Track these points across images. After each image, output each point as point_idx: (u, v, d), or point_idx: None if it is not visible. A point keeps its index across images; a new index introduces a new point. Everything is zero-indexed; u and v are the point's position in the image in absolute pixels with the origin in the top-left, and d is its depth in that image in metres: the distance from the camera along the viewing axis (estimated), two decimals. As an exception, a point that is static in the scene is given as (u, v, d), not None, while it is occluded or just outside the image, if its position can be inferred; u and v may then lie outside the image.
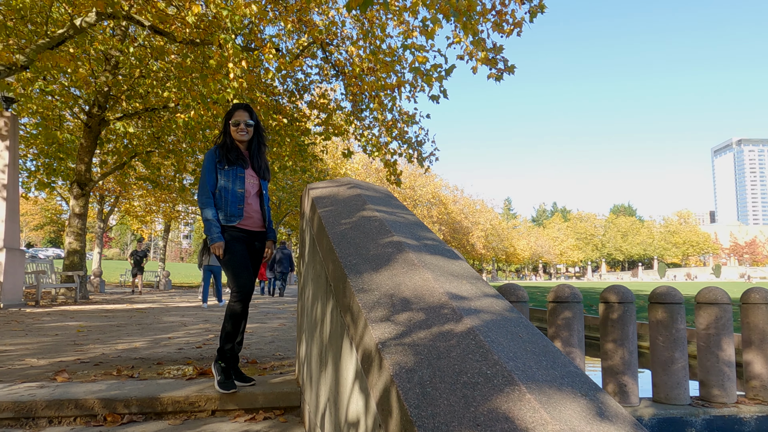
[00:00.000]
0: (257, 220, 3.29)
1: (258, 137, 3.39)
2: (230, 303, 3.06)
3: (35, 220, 72.44)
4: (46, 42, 8.29)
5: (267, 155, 3.46)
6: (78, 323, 6.77)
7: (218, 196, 3.23)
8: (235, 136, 3.28)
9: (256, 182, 3.34)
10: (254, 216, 3.28)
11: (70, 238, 12.92)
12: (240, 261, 3.14)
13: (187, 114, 10.75)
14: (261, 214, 3.33)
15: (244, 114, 3.30)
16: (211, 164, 3.25)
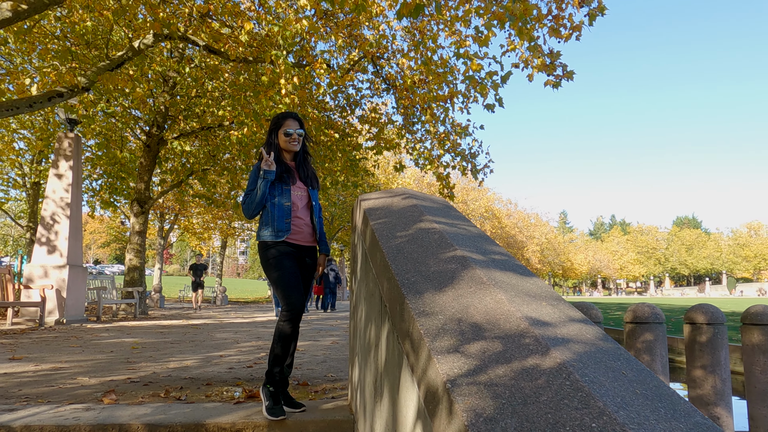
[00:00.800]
0: (307, 234, 3.11)
1: (304, 146, 3.24)
2: (279, 323, 2.87)
3: (102, 238, 75.85)
4: (107, 64, 8.54)
5: (316, 168, 3.31)
6: (134, 340, 6.80)
7: (265, 212, 3.07)
8: (285, 146, 3.12)
9: (305, 194, 3.16)
10: (304, 230, 3.09)
11: (131, 255, 13.27)
12: (290, 278, 2.94)
13: (241, 131, 10.86)
14: (311, 227, 3.15)
15: (295, 123, 3.15)
16: (256, 177, 3.11)
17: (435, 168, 12.91)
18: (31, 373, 4.17)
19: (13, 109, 7.36)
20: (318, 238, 3.23)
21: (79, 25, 9.29)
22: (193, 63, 12.81)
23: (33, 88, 8.21)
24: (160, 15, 8.78)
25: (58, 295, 9.31)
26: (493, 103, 7.60)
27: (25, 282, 9.33)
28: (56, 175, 9.86)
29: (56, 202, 9.77)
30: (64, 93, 7.93)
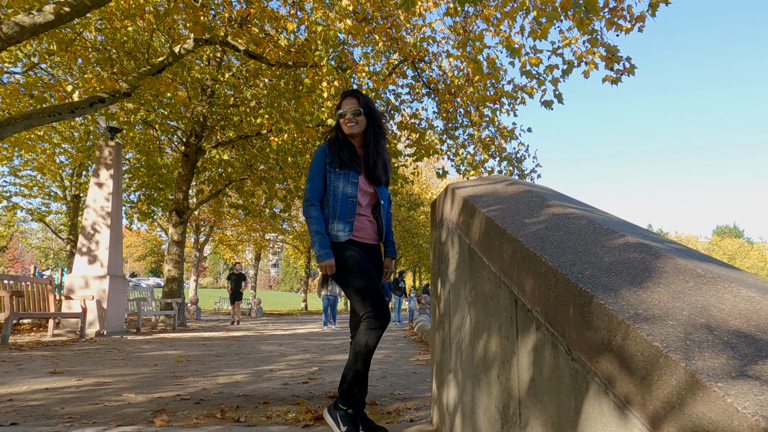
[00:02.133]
0: (371, 231, 2.74)
1: (374, 128, 2.79)
2: (362, 334, 2.44)
3: (138, 251, 77.33)
4: (147, 69, 8.36)
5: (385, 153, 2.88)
6: (177, 352, 6.48)
7: (325, 204, 2.67)
8: (344, 129, 2.73)
9: (371, 192, 2.76)
10: (368, 226, 2.72)
11: (169, 266, 13.11)
12: (364, 275, 2.52)
13: (281, 137, 10.60)
14: (376, 225, 2.78)
15: (351, 101, 2.74)
16: (319, 165, 2.69)
17: (479, 174, 12.42)
18: (73, 388, 3.85)
19: (54, 115, 7.20)
20: (384, 237, 2.84)
21: (120, 32, 9.18)
22: (231, 70, 12.67)
23: (75, 94, 8.07)
24: (201, 19, 8.59)
25: (99, 306, 9.12)
26: (551, 99, 7.12)
27: (66, 293, 9.17)
28: (97, 184, 9.73)
29: (97, 211, 9.62)
30: (106, 98, 7.76)
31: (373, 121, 2.78)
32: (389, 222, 2.89)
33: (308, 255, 38.16)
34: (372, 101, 2.82)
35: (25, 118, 6.93)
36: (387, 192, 2.86)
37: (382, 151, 2.81)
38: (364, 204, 2.71)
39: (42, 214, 20.31)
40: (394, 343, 8.70)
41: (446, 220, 2.48)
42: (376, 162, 2.75)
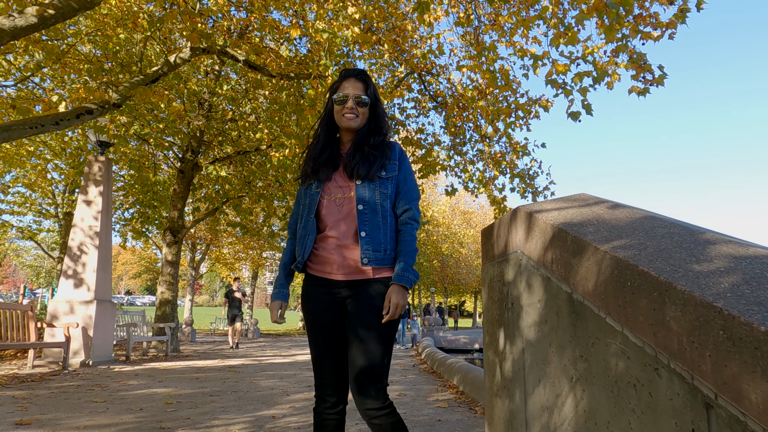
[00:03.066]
0: (343, 259, 2.01)
1: (376, 122, 2.13)
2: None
3: (134, 269, 76.44)
4: (140, 79, 7.79)
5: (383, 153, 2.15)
6: (166, 390, 5.81)
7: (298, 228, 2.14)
8: (339, 120, 2.09)
9: (348, 195, 2.06)
10: (336, 254, 2.02)
11: (163, 288, 12.43)
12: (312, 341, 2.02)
13: (282, 152, 10.02)
14: (358, 245, 2.02)
15: (357, 84, 2.10)
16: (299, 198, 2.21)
17: (489, 191, 11.85)
18: (37, 450, 3.19)
19: (37, 126, 6.60)
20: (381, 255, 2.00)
21: (112, 39, 8.63)
22: (230, 83, 12.13)
23: (61, 106, 7.48)
24: (198, 26, 8.05)
25: (85, 333, 8.43)
26: (578, 111, 6.57)
27: (49, 319, 8.48)
28: (85, 201, 9.10)
29: (85, 231, 8.98)
30: (94, 110, 7.16)
31: (376, 117, 2.16)
32: (407, 234, 2.02)
33: (306, 273, 37.38)
34: (375, 88, 2.20)
35: (3, 130, 6.32)
36: (389, 186, 2.06)
37: (377, 148, 2.11)
38: (332, 218, 2.04)
39: (33, 232, 19.64)
40: (404, 375, 8.02)
41: (515, 253, 1.88)
42: (364, 157, 2.06)
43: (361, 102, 2.07)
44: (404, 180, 2.08)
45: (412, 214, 2.05)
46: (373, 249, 2.00)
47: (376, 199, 2.04)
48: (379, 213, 2.03)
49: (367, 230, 2.01)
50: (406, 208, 2.05)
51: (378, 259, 1.99)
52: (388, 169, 2.07)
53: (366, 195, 2.04)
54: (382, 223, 2.03)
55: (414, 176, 2.11)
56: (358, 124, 2.09)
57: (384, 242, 2.01)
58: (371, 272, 1.99)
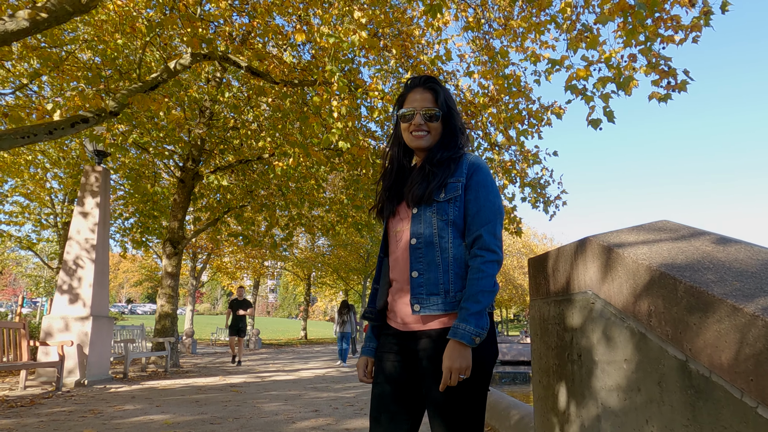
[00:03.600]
0: (401, 304, 1.72)
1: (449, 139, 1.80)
2: None
3: (135, 277, 76.10)
4: (138, 86, 7.47)
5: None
6: (164, 417, 5.44)
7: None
8: (407, 140, 1.80)
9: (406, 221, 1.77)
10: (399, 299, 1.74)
11: (162, 300, 12.06)
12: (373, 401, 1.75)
13: (286, 162, 9.68)
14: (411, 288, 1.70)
15: (425, 95, 1.79)
16: None
17: (498, 200, 11.50)
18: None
19: (29, 136, 6.27)
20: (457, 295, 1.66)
21: (109, 44, 8.32)
22: (232, 90, 11.82)
23: (56, 114, 7.16)
24: (199, 31, 7.75)
25: (80, 351, 8.07)
26: (599, 118, 6.22)
27: (43, 337, 8.12)
28: (81, 213, 8.76)
29: (81, 243, 8.63)
30: (90, 118, 6.83)
31: (451, 131, 1.81)
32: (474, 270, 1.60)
33: (308, 282, 37.03)
34: (450, 95, 1.87)
35: (-7, 140, 5.99)
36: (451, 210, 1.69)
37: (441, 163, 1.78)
38: (393, 257, 1.77)
39: (31, 242, 19.31)
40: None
41: (584, 294, 1.53)
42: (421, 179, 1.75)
43: (432, 116, 1.75)
44: (474, 198, 1.68)
45: (484, 242, 1.63)
46: (428, 292, 1.67)
47: (432, 228, 1.69)
48: (436, 246, 1.69)
49: (420, 269, 1.69)
50: (476, 236, 1.65)
51: (435, 305, 1.65)
52: (449, 189, 1.71)
53: (420, 224, 1.71)
54: (441, 257, 1.68)
55: (492, 192, 1.70)
56: (430, 142, 1.77)
57: (445, 282, 1.66)
58: (429, 322, 1.66)
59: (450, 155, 1.77)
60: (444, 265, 1.68)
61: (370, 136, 12.07)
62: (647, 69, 6.98)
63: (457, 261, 1.68)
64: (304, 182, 13.52)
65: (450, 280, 1.67)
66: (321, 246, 34.73)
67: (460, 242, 1.70)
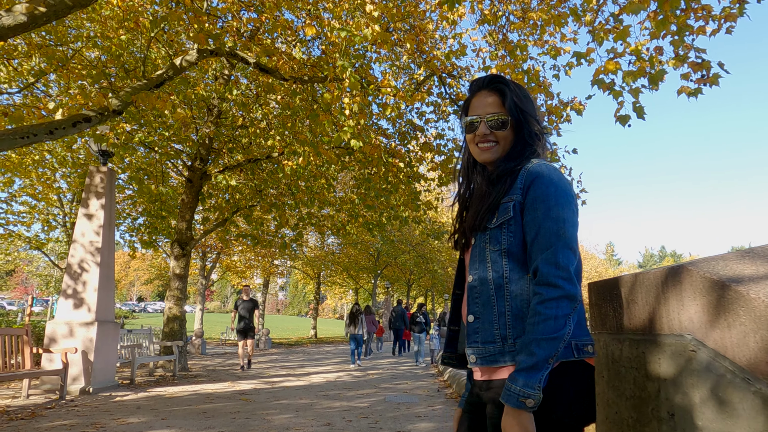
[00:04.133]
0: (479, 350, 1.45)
1: (522, 145, 1.50)
2: None
3: (145, 275, 76.35)
4: (143, 84, 7.19)
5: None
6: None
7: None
8: (474, 153, 1.54)
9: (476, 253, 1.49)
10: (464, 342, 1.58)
11: (170, 303, 11.82)
12: None
13: (296, 161, 9.38)
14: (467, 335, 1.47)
15: (490, 98, 1.50)
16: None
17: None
18: None
19: (29, 136, 6.00)
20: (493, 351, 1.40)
21: (113, 40, 8.06)
22: (240, 88, 11.53)
23: (58, 113, 6.89)
24: (205, 26, 7.45)
25: (85, 358, 7.82)
26: (627, 114, 5.84)
27: (47, 343, 7.88)
28: (86, 215, 8.50)
29: (85, 246, 8.39)
30: (92, 117, 6.56)
31: (523, 139, 1.51)
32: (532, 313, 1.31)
33: (318, 280, 36.81)
34: (523, 93, 1.55)
35: (-9, 141, 5.73)
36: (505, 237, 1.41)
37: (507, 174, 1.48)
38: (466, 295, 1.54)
39: (40, 242, 19.18)
40: (430, 404, 7.32)
41: (680, 338, 1.20)
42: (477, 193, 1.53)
43: (499, 122, 1.47)
44: (532, 220, 1.38)
45: (541, 275, 1.32)
46: (483, 339, 1.41)
47: (486, 261, 1.43)
48: (490, 283, 1.41)
49: (476, 311, 1.44)
50: (534, 268, 1.36)
51: (492, 355, 1.40)
52: (500, 211, 1.42)
53: (476, 258, 1.47)
54: (496, 296, 1.40)
55: (556, 208, 1.36)
56: (499, 153, 1.50)
57: (501, 327, 1.39)
58: (493, 373, 1.42)
59: (510, 167, 1.46)
60: (500, 305, 1.40)
61: (381, 134, 11.74)
62: (676, 62, 6.60)
63: (516, 299, 1.39)
64: (314, 181, 13.23)
65: (507, 324, 1.39)
66: (330, 245, 34.49)
67: (521, 275, 1.40)
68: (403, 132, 12.08)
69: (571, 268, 1.36)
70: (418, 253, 33.00)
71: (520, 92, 1.54)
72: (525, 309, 1.36)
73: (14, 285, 66.76)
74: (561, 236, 1.35)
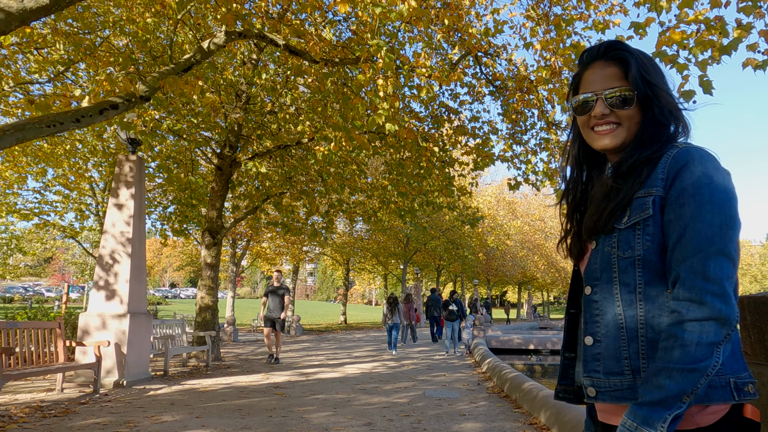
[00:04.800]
0: (600, 382, 1.12)
1: (653, 126, 1.14)
2: None
3: (177, 261, 77.47)
4: (170, 69, 6.92)
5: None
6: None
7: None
8: (588, 139, 1.20)
9: (596, 259, 1.14)
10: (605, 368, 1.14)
11: (202, 292, 11.71)
12: None
13: (327, 146, 9.06)
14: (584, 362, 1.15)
15: (607, 70, 1.16)
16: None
17: (555, 184, 10.64)
18: None
19: (55, 125, 5.79)
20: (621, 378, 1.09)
21: (139, 24, 7.81)
22: (268, 72, 11.22)
23: (84, 101, 6.68)
24: (233, 6, 7.14)
25: (118, 350, 7.70)
26: (692, 89, 5.32)
27: (80, 335, 7.79)
28: (116, 205, 8.35)
29: (116, 237, 8.24)
30: (119, 104, 6.33)
31: (654, 118, 1.15)
32: (666, 337, 1.00)
33: (347, 267, 36.72)
34: (650, 62, 1.19)
35: (17, 130, 5.53)
36: (639, 240, 1.08)
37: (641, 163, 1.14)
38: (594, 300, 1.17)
39: (75, 230, 19.40)
40: (473, 400, 6.99)
41: None
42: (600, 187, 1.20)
43: (621, 99, 1.14)
44: (676, 218, 1.05)
45: (683, 288, 1.01)
46: (606, 370, 1.09)
47: (612, 270, 1.10)
48: (616, 297, 1.09)
49: (596, 332, 1.12)
50: (673, 278, 1.04)
51: (619, 391, 1.07)
52: (634, 208, 1.09)
53: (597, 266, 1.13)
54: (625, 316, 1.08)
55: (710, 203, 1.03)
56: (620, 139, 1.16)
57: (632, 356, 1.07)
58: (612, 413, 1.11)
59: (647, 155, 1.12)
60: (630, 328, 1.07)
61: (414, 118, 11.33)
62: (742, 31, 6.01)
63: (652, 321, 1.06)
64: (344, 167, 12.92)
65: (640, 353, 1.06)
66: (359, 230, 34.29)
67: (661, 291, 1.07)
68: (436, 115, 11.65)
69: (726, 283, 1.00)
70: (448, 239, 32.59)
71: (646, 60, 1.18)
72: None
73: (52, 272, 68.70)
74: (715, 240, 1.01)
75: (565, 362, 1.29)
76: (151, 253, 65.40)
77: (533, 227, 48.47)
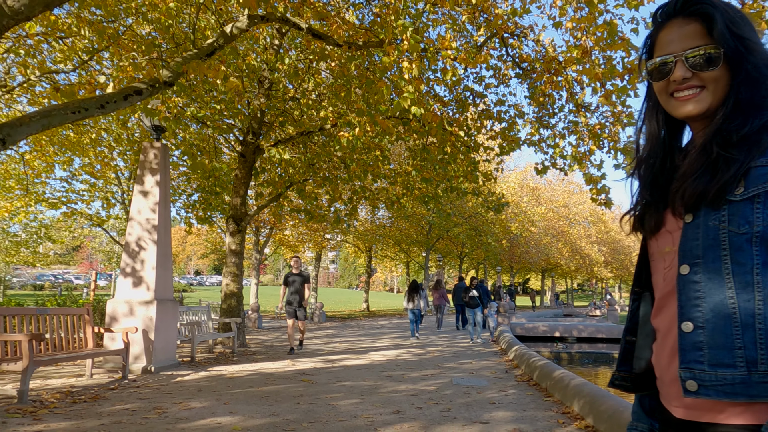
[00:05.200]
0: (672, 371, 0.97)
1: (750, 88, 0.97)
2: None
3: (201, 249, 78.40)
4: (193, 54, 6.85)
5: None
6: (232, 420, 4.90)
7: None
8: (667, 107, 1.04)
9: (677, 236, 0.99)
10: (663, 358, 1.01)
11: (227, 279, 11.74)
12: None
13: (351, 132, 8.93)
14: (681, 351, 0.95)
15: (687, 28, 0.99)
16: None
17: (584, 168, 10.36)
18: None
19: (80, 111, 5.77)
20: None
21: (161, 9, 7.74)
22: (291, 58, 11.11)
23: (108, 87, 6.66)
24: (255, -12, 7.01)
25: (145, 336, 7.74)
26: None
27: (108, 321, 7.85)
28: (141, 192, 8.36)
29: (142, 224, 8.26)
30: (143, 90, 6.28)
31: (750, 78, 0.99)
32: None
33: (369, 254, 36.73)
34: (737, 14, 1.03)
35: (42, 116, 5.52)
36: (755, 214, 0.91)
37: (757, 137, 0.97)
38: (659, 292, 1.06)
39: (102, 219, 19.67)
40: (502, 388, 6.87)
41: None
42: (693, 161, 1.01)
43: (705, 59, 0.99)
44: None
45: None
46: (712, 360, 0.93)
47: (720, 247, 0.94)
48: (727, 279, 0.93)
49: (697, 318, 0.95)
50: None
51: (729, 385, 0.91)
52: (754, 178, 0.94)
53: (698, 241, 0.97)
54: (738, 300, 0.92)
55: None
56: (706, 105, 1.01)
57: (747, 345, 0.91)
58: (721, 413, 0.93)
59: (763, 122, 0.96)
60: (744, 313, 0.91)
61: (438, 102, 11.13)
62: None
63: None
64: (368, 153, 12.78)
65: (758, 342, 0.90)
66: (381, 218, 34.19)
67: None
68: (461, 99, 11.42)
69: None
70: (471, 226, 32.31)
71: (733, 12, 1.02)
72: None
73: (80, 260, 70.15)
74: None
75: (626, 346, 1.17)
76: (176, 241, 66.31)
77: (557, 213, 47.85)
